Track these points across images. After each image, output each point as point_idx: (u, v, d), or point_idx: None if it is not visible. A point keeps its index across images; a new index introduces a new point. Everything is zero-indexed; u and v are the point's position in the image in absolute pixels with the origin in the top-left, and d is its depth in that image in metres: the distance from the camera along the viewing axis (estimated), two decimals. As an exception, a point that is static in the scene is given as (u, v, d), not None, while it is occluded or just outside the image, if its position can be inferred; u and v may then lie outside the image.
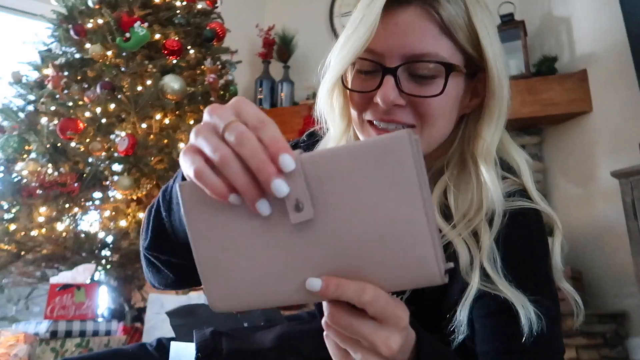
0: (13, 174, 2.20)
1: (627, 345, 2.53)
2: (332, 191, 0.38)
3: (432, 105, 0.61)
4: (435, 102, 0.61)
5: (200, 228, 0.41)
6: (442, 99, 0.61)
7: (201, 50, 2.50)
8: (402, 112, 0.62)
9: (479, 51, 0.62)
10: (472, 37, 0.62)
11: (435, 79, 0.60)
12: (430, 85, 0.60)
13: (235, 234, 0.40)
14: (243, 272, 0.41)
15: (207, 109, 0.41)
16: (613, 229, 2.61)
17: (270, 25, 3.67)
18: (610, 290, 2.65)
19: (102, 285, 2.14)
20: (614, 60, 2.72)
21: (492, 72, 0.62)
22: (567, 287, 0.63)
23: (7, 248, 2.09)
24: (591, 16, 2.88)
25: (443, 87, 0.60)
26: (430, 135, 0.63)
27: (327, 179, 0.38)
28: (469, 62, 0.63)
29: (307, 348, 0.70)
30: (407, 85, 0.61)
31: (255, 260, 0.40)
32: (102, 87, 2.17)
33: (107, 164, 2.18)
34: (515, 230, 0.60)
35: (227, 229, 0.40)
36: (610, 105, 2.76)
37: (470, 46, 0.62)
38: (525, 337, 0.54)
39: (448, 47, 0.60)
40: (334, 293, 0.38)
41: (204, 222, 0.41)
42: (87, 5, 2.36)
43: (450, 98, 0.62)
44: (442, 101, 0.61)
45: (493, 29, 0.64)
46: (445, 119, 0.63)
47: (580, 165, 2.88)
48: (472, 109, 0.67)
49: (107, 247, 2.20)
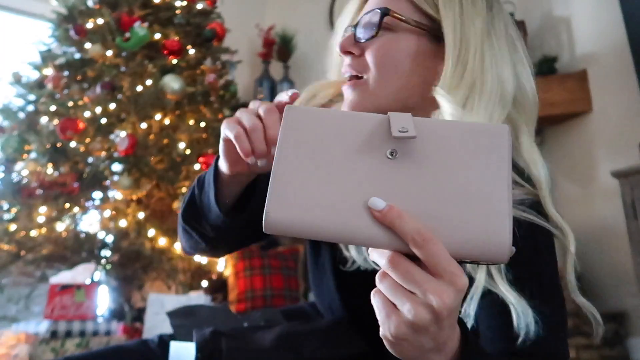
0: (13, 174, 2.20)
1: (627, 345, 2.53)
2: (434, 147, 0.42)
3: (375, 51, 0.65)
4: (375, 50, 0.66)
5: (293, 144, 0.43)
6: (386, 46, 0.65)
7: (201, 50, 2.50)
8: (356, 62, 0.68)
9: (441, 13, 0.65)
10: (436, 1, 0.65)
11: (384, 27, 0.66)
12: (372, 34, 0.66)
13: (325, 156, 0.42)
14: (317, 191, 0.41)
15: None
16: (613, 229, 2.61)
17: (270, 25, 3.67)
18: (610, 290, 2.65)
19: (102, 285, 2.13)
20: (614, 60, 2.72)
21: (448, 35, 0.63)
22: (583, 302, 0.62)
23: (7, 248, 2.09)
24: (591, 16, 2.88)
25: (377, 29, 0.65)
26: (379, 84, 0.66)
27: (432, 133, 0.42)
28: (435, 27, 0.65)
29: (307, 348, 0.70)
30: (361, 36, 0.67)
31: (333, 182, 0.41)
32: (102, 87, 2.17)
33: (107, 164, 2.17)
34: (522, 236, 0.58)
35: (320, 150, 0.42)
36: (610, 105, 2.76)
37: (431, 8, 0.65)
38: (527, 340, 0.54)
39: (405, 7, 0.66)
40: (393, 220, 0.39)
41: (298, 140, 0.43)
42: (87, 5, 2.36)
43: (397, 49, 0.65)
44: (386, 49, 0.65)
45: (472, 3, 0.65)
46: (395, 70, 0.65)
47: (580, 165, 2.88)
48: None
49: (107, 247, 2.20)
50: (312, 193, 0.41)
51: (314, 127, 0.43)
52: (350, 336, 0.74)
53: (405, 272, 0.39)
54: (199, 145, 2.28)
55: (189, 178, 2.23)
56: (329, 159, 0.42)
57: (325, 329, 0.74)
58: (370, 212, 0.40)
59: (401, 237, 0.39)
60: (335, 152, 0.42)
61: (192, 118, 2.32)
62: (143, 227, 2.11)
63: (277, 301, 2.41)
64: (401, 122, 0.42)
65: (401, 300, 0.39)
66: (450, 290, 0.38)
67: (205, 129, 2.33)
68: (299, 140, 0.43)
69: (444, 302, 0.38)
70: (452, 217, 0.40)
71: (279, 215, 0.41)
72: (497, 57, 0.64)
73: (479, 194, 0.40)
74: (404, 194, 0.41)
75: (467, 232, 0.39)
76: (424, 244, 0.38)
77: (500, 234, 0.39)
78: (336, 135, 0.43)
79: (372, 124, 0.43)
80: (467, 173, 0.41)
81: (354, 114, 0.45)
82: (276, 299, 2.43)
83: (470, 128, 0.42)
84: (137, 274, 2.21)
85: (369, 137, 0.43)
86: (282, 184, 0.42)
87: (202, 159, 2.23)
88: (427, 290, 0.38)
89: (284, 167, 0.42)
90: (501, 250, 0.39)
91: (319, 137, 0.43)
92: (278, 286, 2.46)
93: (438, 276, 0.38)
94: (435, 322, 0.39)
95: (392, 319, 0.40)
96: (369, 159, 0.42)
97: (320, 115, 0.44)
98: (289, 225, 0.41)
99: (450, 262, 0.39)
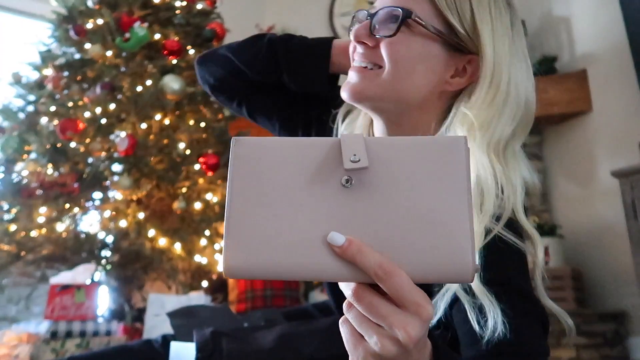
0: (13, 174, 2.20)
1: (627, 344, 2.53)
2: (389, 171, 0.40)
3: (390, 48, 0.67)
4: (391, 47, 0.67)
5: (244, 182, 0.41)
6: (402, 46, 0.66)
7: (201, 50, 2.50)
8: (369, 52, 0.69)
9: (472, 29, 0.66)
10: (464, 12, 0.66)
11: (403, 25, 0.66)
12: (391, 31, 0.66)
13: (279, 191, 0.40)
14: (274, 231, 0.40)
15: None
16: (613, 228, 2.61)
17: (270, 25, 3.67)
18: (610, 290, 2.65)
19: (102, 286, 2.13)
20: (614, 60, 2.72)
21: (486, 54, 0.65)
22: (552, 306, 0.63)
23: (7, 248, 2.09)
24: (591, 16, 2.88)
25: (396, 29, 0.66)
26: (387, 79, 0.67)
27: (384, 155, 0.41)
28: (454, 37, 0.67)
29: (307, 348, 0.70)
30: (377, 29, 0.68)
31: (289, 218, 0.40)
32: (102, 87, 2.17)
33: (107, 164, 2.17)
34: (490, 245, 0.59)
35: (272, 185, 0.40)
36: (610, 105, 2.76)
37: (458, 21, 0.66)
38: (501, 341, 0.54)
39: (427, 10, 0.66)
40: (354, 255, 0.38)
41: (249, 177, 0.41)
42: (87, 5, 2.36)
43: (412, 51, 0.67)
44: (402, 48, 0.66)
45: (501, 21, 0.68)
46: (406, 70, 0.67)
47: (580, 165, 2.88)
48: (455, 88, 0.70)
49: (107, 248, 2.20)
50: (268, 232, 0.39)
51: (265, 160, 0.41)
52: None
53: (369, 305, 0.39)
54: (199, 145, 2.28)
55: (189, 178, 2.23)
56: (282, 193, 0.40)
57: (325, 329, 0.74)
58: (329, 247, 0.39)
59: (362, 269, 0.38)
60: (288, 184, 0.40)
61: (192, 118, 2.32)
62: (143, 227, 2.11)
63: (277, 301, 2.41)
64: (352, 149, 0.40)
65: (367, 332, 0.40)
66: (415, 322, 0.38)
67: (205, 129, 2.33)
68: (249, 176, 0.41)
69: (409, 335, 0.38)
70: (412, 243, 0.39)
71: (237, 261, 0.39)
72: (519, 79, 0.68)
73: (437, 215, 0.39)
74: (362, 224, 0.39)
75: (428, 257, 0.38)
76: (386, 277, 0.38)
77: (462, 255, 0.38)
78: (288, 166, 0.41)
79: (324, 150, 0.41)
80: (424, 194, 0.39)
81: (307, 140, 0.42)
82: (276, 299, 2.43)
83: (425, 144, 0.41)
84: (137, 274, 2.21)
85: (322, 165, 0.41)
86: (237, 226, 0.40)
87: (202, 159, 2.23)
88: (392, 323, 0.38)
89: (237, 207, 0.40)
90: (465, 271, 0.38)
91: (270, 171, 0.41)
92: (278, 286, 2.46)
93: (403, 308, 0.38)
94: (402, 354, 0.39)
95: (359, 350, 0.40)
96: (324, 189, 0.40)
97: (271, 145, 0.42)
98: (250, 270, 0.39)
99: (414, 293, 0.38)
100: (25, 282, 2.27)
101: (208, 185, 2.30)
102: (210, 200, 2.29)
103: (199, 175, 2.24)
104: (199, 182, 2.27)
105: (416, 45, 0.67)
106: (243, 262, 0.39)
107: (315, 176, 0.41)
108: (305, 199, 0.40)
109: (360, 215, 0.40)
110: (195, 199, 2.25)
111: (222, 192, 2.35)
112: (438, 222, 0.39)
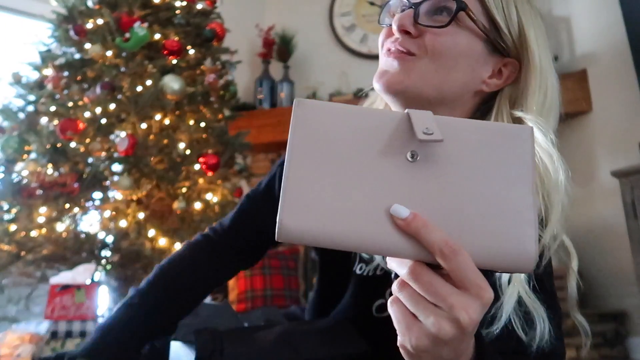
0: (13, 174, 2.20)
1: (627, 344, 2.53)
2: (457, 150, 0.39)
3: (437, 39, 0.64)
4: (440, 37, 0.64)
5: (305, 143, 0.40)
6: (448, 38, 0.64)
7: (201, 50, 2.50)
8: (411, 41, 0.65)
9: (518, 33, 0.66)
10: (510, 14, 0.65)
11: (446, 17, 0.64)
12: (439, 22, 0.64)
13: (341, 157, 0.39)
14: (335, 196, 0.38)
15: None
16: (613, 228, 2.61)
17: (270, 25, 3.67)
18: (610, 290, 2.65)
19: (102, 286, 2.13)
20: (614, 60, 2.72)
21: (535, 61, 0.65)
22: (581, 321, 0.62)
23: (7, 248, 2.09)
24: (591, 16, 2.88)
25: (449, 21, 0.63)
26: (427, 70, 0.64)
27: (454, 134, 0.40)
28: (498, 38, 0.66)
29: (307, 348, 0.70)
30: (423, 19, 0.65)
31: (351, 187, 0.38)
32: (102, 87, 2.17)
33: (107, 164, 2.17)
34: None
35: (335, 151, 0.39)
36: (610, 105, 2.76)
37: (504, 23, 0.65)
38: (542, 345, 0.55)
39: (475, 6, 0.64)
40: (418, 229, 0.37)
41: (311, 139, 0.40)
42: (87, 5, 2.36)
43: (458, 45, 0.64)
44: (448, 41, 0.64)
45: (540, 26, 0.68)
46: (449, 62, 0.64)
47: (580, 165, 2.88)
48: (491, 89, 0.68)
49: (107, 248, 2.20)
50: (329, 198, 0.38)
51: (328, 125, 0.40)
52: (350, 336, 0.74)
53: (428, 284, 0.37)
54: (199, 145, 2.28)
55: (189, 178, 2.23)
56: (346, 160, 0.39)
57: (325, 329, 0.74)
58: (392, 220, 0.38)
59: (426, 247, 0.37)
60: (352, 153, 0.39)
61: (192, 118, 2.32)
62: (143, 227, 2.11)
63: (277, 301, 2.41)
64: (424, 123, 0.39)
65: (424, 313, 0.38)
66: (476, 305, 0.37)
67: (205, 129, 2.33)
68: (312, 139, 0.40)
69: (470, 318, 0.36)
70: (477, 226, 0.38)
71: (293, 223, 0.38)
72: (556, 85, 0.69)
73: (503, 201, 0.38)
74: (427, 200, 0.38)
75: (493, 242, 0.37)
76: (451, 255, 0.36)
77: (526, 244, 0.37)
78: (352, 135, 0.40)
79: (391, 122, 0.40)
80: (490, 178, 0.39)
81: (370, 110, 0.42)
82: (276, 299, 2.43)
83: (493, 130, 0.40)
84: (137, 274, 2.21)
85: (388, 137, 0.40)
86: (296, 188, 0.38)
87: (202, 159, 2.23)
88: (453, 305, 0.36)
89: (297, 169, 0.39)
90: (527, 260, 0.37)
91: (333, 137, 0.40)
92: (278, 286, 2.47)
93: (464, 289, 0.37)
94: (459, 336, 0.38)
95: (413, 331, 0.38)
96: (389, 161, 0.39)
97: (334, 111, 0.41)
98: (304, 234, 0.38)
99: (477, 274, 0.37)
100: (25, 282, 2.27)
101: (208, 185, 2.30)
102: (210, 200, 2.29)
103: (199, 175, 2.24)
104: (199, 182, 2.27)
105: (462, 40, 0.65)
106: (299, 224, 0.38)
107: (381, 147, 0.40)
108: (368, 169, 0.39)
109: (425, 191, 0.39)
110: (195, 199, 2.25)
111: (222, 192, 2.35)
112: (504, 209, 0.38)
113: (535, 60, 0.65)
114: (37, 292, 2.35)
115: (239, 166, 2.57)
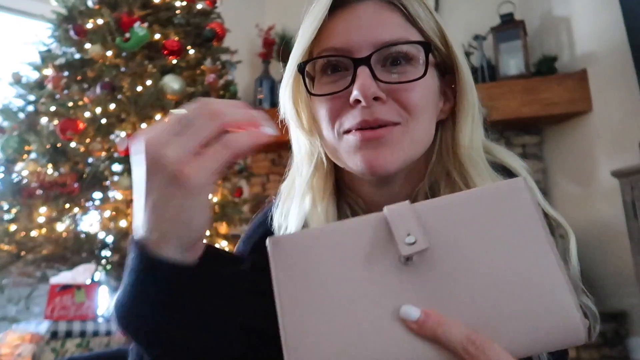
0: (13, 174, 2.20)
1: (627, 344, 2.53)
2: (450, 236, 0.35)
3: (414, 93, 0.53)
4: (418, 90, 0.53)
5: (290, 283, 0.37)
6: (424, 87, 0.54)
7: (201, 50, 2.50)
8: (384, 108, 0.53)
9: (447, 47, 0.57)
10: (438, 31, 0.57)
11: (413, 63, 0.54)
12: (408, 73, 0.53)
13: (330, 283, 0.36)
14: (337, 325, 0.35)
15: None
16: (613, 228, 2.61)
17: (270, 25, 3.67)
18: (610, 290, 2.65)
19: (102, 286, 2.14)
20: (614, 60, 2.72)
21: (463, 72, 0.57)
22: (585, 301, 0.56)
23: (7, 248, 2.09)
24: (591, 16, 2.88)
25: (425, 68, 0.53)
26: (415, 133, 0.54)
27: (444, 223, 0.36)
28: (439, 59, 0.58)
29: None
30: (383, 75, 0.53)
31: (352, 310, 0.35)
32: (102, 87, 2.17)
33: (107, 164, 2.17)
34: None
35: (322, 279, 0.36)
36: (610, 105, 2.76)
37: (439, 40, 0.57)
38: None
39: (418, 37, 0.55)
40: (434, 329, 0.32)
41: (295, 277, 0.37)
42: (87, 5, 2.36)
43: (430, 90, 0.55)
44: (425, 90, 0.54)
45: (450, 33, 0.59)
46: (428, 114, 0.55)
47: (580, 165, 2.88)
48: (446, 115, 0.60)
49: (107, 248, 2.20)
50: (333, 331, 0.35)
51: (307, 255, 0.37)
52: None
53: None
54: (199, 145, 2.28)
55: (189, 178, 2.23)
56: (337, 284, 0.36)
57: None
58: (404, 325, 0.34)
59: (447, 348, 0.32)
60: (340, 275, 0.36)
61: (192, 118, 2.32)
62: (143, 227, 2.11)
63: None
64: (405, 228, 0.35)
65: None
66: None
67: (205, 129, 2.33)
68: (296, 277, 0.37)
69: None
70: (505, 312, 0.33)
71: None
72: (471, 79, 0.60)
73: (525, 274, 0.33)
74: (436, 298, 0.34)
75: (529, 324, 0.33)
76: (478, 352, 0.31)
77: (569, 313, 0.32)
78: (335, 256, 0.37)
79: (369, 232, 0.37)
80: (501, 254, 0.34)
81: (345, 224, 0.38)
82: (276, 299, 2.42)
83: (483, 197, 0.36)
84: (137, 274, 2.20)
85: (371, 249, 0.36)
86: (296, 333, 0.35)
87: (202, 159, 2.23)
88: None
89: (291, 314, 0.36)
90: (576, 330, 0.32)
91: (316, 265, 0.37)
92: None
93: None
94: None
95: None
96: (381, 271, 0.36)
97: (309, 239, 0.38)
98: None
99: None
100: (25, 282, 2.27)
101: (208, 185, 2.30)
102: (210, 200, 2.29)
103: (199, 175, 2.24)
104: (199, 182, 2.26)
105: (430, 81, 0.56)
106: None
107: (367, 261, 0.36)
108: (362, 285, 0.36)
109: (431, 289, 0.35)
110: (195, 199, 2.25)
111: (221, 192, 2.35)
112: (529, 283, 0.33)
113: (462, 68, 0.57)
114: (37, 292, 2.35)
115: (239, 166, 2.58)
